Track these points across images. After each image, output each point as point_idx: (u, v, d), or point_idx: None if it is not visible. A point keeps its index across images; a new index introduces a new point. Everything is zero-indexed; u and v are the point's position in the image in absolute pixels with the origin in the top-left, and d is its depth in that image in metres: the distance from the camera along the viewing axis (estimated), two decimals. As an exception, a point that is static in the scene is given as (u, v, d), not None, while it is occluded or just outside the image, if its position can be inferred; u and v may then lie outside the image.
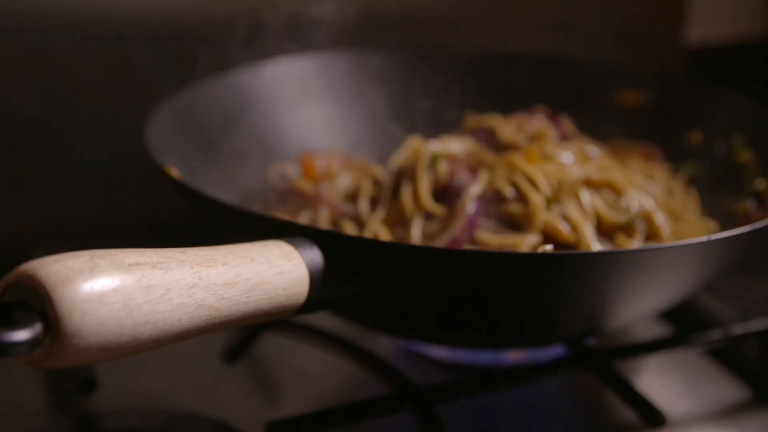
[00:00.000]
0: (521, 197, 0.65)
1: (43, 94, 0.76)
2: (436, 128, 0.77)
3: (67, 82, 0.77)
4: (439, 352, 0.67)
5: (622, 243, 0.64)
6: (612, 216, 0.65)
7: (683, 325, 0.72)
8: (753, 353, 0.69)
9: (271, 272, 0.46)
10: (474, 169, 0.68)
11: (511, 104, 0.79)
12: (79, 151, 0.79)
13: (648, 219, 0.66)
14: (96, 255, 0.40)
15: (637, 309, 0.60)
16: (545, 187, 0.65)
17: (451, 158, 0.69)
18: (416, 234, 0.65)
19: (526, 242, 0.62)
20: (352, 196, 0.71)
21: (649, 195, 0.68)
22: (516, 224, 0.64)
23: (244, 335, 0.68)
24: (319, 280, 0.48)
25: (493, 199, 0.65)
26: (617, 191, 0.66)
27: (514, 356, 0.67)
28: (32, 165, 0.78)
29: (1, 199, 0.77)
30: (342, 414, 0.56)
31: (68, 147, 0.78)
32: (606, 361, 0.63)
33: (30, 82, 0.76)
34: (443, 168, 0.68)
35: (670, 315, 0.72)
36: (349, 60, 0.83)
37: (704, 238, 0.52)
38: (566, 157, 0.69)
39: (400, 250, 0.53)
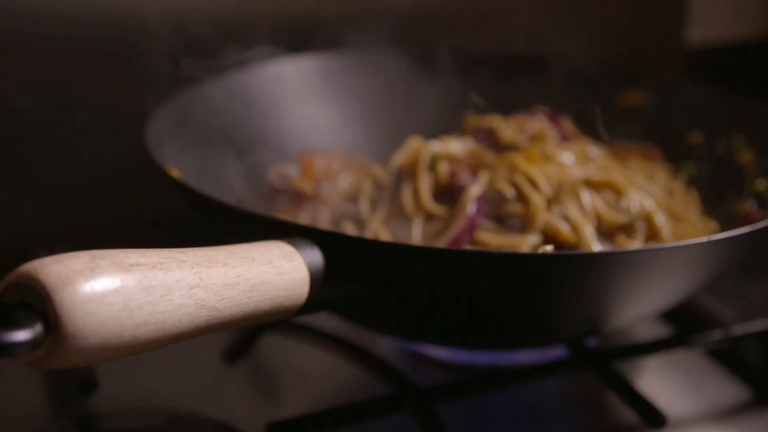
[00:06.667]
0: (522, 198, 0.65)
1: (43, 95, 0.76)
2: (436, 128, 0.78)
3: (67, 82, 0.77)
4: (439, 352, 0.67)
5: (622, 243, 0.64)
6: (612, 216, 0.65)
7: (684, 325, 0.72)
8: (753, 354, 0.69)
9: (272, 273, 0.46)
10: (474, 170, 0.68)
11: (511, 105, 0.79)
12: (80, 152, 0.79)
13: (648, 219, 0.66)
14: (96, 255, 0.40)
15: (638, 309, 0.60)
16: (546, 188, 0.65)
17: (452, 159, 0.69)
18: (417, 234, 0.65)
19: (527, 243, 0.62)
20: (353, 197, 0.71)
21: (649, 195, 0.68)
22: (516, 225, 0.64)
23: (244, 336, 0.68)
24: (319, 281, 0.48)
25: (493, 199, 0.65)
26: (618, 192, 0.66)
27: (514, 357, 0.67)
28: (32, 165, 0.78)
29: (1, 199, 0.77)
30: (342, 414, 0.56)
31: (68, 147, 0.78)
32: (606, 362, 0.63)
33: (30, 82, 0.76)
34: (444, 168, 0.68)
35: (670, 315, 0.72)
36: (349, 60, 0.83)
37: (705, 239, 0.52)
38: (567, 157, 0.69)
39: (400, 250, 0.53)
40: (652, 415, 0.59)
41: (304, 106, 0.81)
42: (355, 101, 0.83)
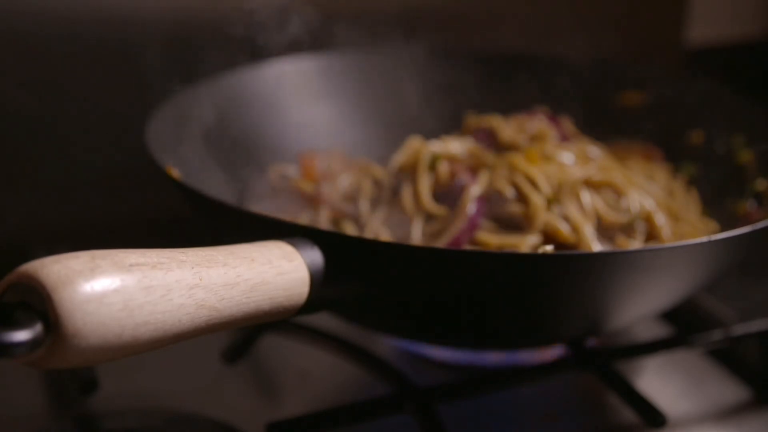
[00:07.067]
0: (522, 198, 0.65)
1: (42, 94, 0.76)
2: (436, 128, 0.78)
3: (67, 82, 0.77)
4: (439, 352, 0.67)
5: (622, 243, 0.64)
6: (612, 216, 0.65)
7: (684, 325, 0.72)
8: (753, 354, 0.69)
9: (272, 273, 0.46)
10: (474, 170, 0.68)
11: (511, 105, 0.79)
12: (80, 152, 0.79)
13: (648, 219, 0.66)
14: (96, 255, 0.40)
15: (638, 309, 0.60)
16: (546, 188, 0.65)
17: (452, 159, 0.69)
18: (417, 234, 0.65)
19: (527, 243, 0.62)
20: (353, 197, 0.71)
21: (649, 195, 0.68)
22: (516, 225, 0.64)
23: (244, 336, 0.67)
24: (319, 281, 0.48)
25: (493, 199, 0.65)
26: (618, 192, 0.66)
27: (514, 357, 0.67)
28: (32, 165, 0.78)
29: (1, 199, 0.77)
30: (342, 414, 0.56)
31: (68, 147, 0.78)
32: (606, 362, 0.63)
33: (30, 82, 0.76)
34: (443, 168, 0.68)
35: (670, 315, 0.72)
36: (349, 60, 0.83)
37: (704, 239, 0.52)
38: (567, 157, 0.69)
39: (400, 250, 0.53)
40: (652, 415, 0.59)
41: (304, 106, 0.81)
42: (355, 101, 0.83)
